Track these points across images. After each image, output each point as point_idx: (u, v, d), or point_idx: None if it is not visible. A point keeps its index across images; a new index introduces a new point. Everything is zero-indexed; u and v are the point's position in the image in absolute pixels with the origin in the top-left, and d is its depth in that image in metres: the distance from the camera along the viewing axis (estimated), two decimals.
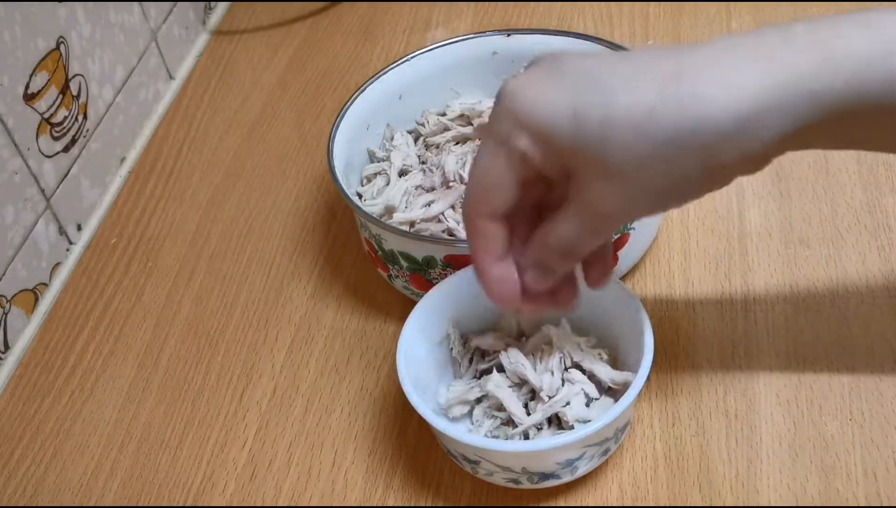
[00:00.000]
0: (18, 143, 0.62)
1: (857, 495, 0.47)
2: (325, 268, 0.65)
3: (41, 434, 0.58)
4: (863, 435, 0.50)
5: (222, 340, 0.61)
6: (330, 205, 0.69)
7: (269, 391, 0.58)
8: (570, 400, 0.49)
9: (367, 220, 0.55)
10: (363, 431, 0.55)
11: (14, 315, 0.63)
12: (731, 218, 0.62)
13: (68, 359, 0.62)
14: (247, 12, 0.90)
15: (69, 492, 0.55)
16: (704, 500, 0.48)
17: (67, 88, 0.68)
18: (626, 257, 0.57)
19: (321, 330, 0.61)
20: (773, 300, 0.57)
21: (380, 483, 0.52)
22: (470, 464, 0.48)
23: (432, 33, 0.82)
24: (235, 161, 0.75)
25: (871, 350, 0.53)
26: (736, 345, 0.55)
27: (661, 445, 0.51)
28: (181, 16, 0.84)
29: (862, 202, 0.61)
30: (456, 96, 0.67)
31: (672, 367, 0.54)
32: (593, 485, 0.50)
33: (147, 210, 0.72)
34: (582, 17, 0.81)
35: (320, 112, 0.78)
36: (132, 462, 0.56)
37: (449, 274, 0.53)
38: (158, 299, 0.65)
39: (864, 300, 0.56)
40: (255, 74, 0.83)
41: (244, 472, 0.54)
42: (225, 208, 0.71)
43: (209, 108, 0.80)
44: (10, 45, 0.61)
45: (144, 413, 0.58)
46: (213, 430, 0.56)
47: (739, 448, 0.50)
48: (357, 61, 0.82)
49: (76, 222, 0.70)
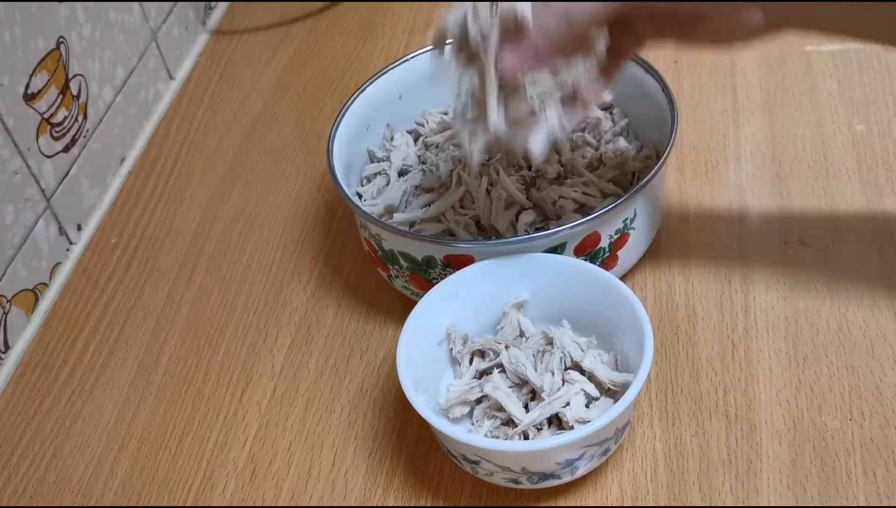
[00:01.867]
0: (18, 143, 0.62)
1: (857, 495, 0.47)
2: (325, 268, 0.65)
3: (41, 434, 0.58)
4: (863, 435, 0.50)
5: (222, 340, 0.61)
6: (330, 205, 0.69)
7: (268, 391, 0.58)
8: (569, 400, 0.49)
9: (367, 220, 0.55)
10: (363, 431, 0.55)
11: (14, 315, 0.63)
12: (731, 218, 0.62)
13: (68, 359, 0.62)
14: (247, 12, 0.90)
15: (69, 492, 0.55)
16: (704, 500, 0.48)
17: (67, 88, 0.68)
18: (626, 257, 0.57)
19: (321, 330, 0.61)
20: (773, 300, 0.57)
21: (380, 484, 0.52)
22: (470, 464, 0.48)
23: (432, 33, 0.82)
24: (235, 161, 0.75)
25: (871, 350, 0.53)
26: (736, 345, 0.55)
27: (661, 445, 0.51)
28: (181, 16, 0.84)
29: (862, 202, 0.61)
30: None
31: (672, 367, 0.54)
32: (593, 485, 0.50)
33: (147, 210, 0.72)
34: None
35: (320, 112, 0.78)
36: (132, 462, 0.56)
37: (449, 274, 0.53)
38: (158, 299, 0.65)
39: (864, 300, 0.56)
40: (255, 74, 0.83)
41: (244, 472, 0.54)
42: (225, 208, 0.71)
43: (209, 108, 0.80)
44: (10, 45, 0.61)
45: (144, 413, 0.58)
46: (213, 430, 0.56)
47: (739, 448, 0.50)
48: (357, 61, 0.82)
49: (76, 222, 0.70)
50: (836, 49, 0.72)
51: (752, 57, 0.73)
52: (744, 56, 0.73)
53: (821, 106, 0.68)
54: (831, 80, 0.70)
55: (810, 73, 0.71)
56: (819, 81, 0.70)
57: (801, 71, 0.72)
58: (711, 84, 0.72)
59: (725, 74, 0.72)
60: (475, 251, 0.53)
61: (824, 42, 0.73)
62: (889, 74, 0.70)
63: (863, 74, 0.70)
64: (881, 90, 0.69)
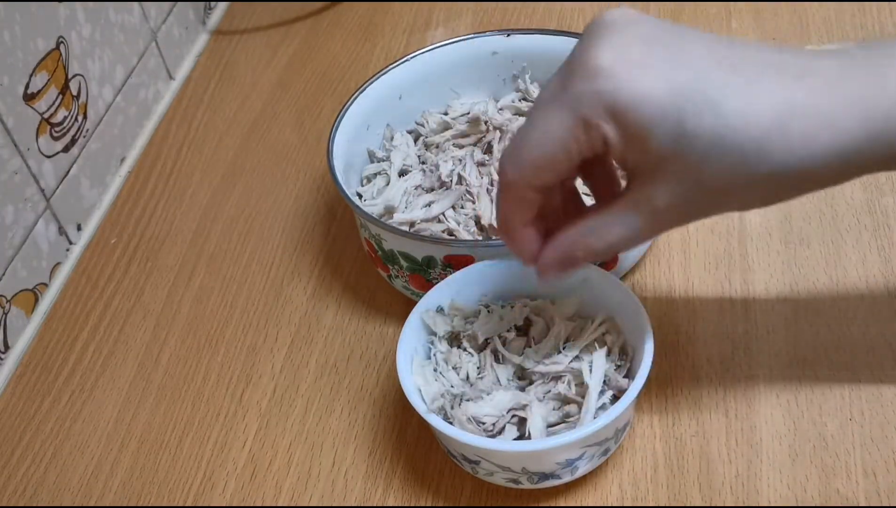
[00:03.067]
0: (18, 143, 0.62)
1: (857, 495, 0.47)
2: (324, 268, 0.65)
3: (41, 434, 0.58)
4: (863, 435, 0.50)
5: (222, 340, 0.61)
6: (330, 205, 0.69)
7: (268, 391, 0.58)
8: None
9: (367, 220, 0.55)
10: (363, 431, 0.55)
11: (14, 315, 0.63)
12: (731, 218, 0.62)
13: (68, 359, 0.62)
14: (247, 12, 0.90)
15: (69, 492, 0.55)
16: (704, 500, 0.48)
17: (67, 88, 0.68)
18: (626, 257, 0.57)
19: (321, 330, 0.61)
20: (773, 300, 0.57)
21: (380, 484, 0.52)
22: (470, 464, 0.48)
23: (432, 33, 0.82)
24: (235, 161, 0.75)
25: (871, 350, 0.53)
26: (736, 345, 0.55)
27: (661, 445, 0.51)
28: (181, 16, 0.84)
29: (862, 202, 0.61)
30: (456, 96, 0.67)
31: (672, 367, 0.54)
32: (593, 485, 0.50)
33: (147, 210, 0.72)
34: (582, 16, 0.81)
35: (320, 112, 0.78)
36: (132, 462, 0.56)
37: (449, 274, 0.53)
38: (158, 299, 0.65)
39: (864, 300, 0.56)
40: (255, 74, 0.83)
41: (244, 472, 0.54)
42: (225, 208, 0.71)
43: (209, 108, 0.80)
44: (10, 45, 0.61)
45: (144, 413, 0.58)
46: (213, 430, 0.56)
47: (739, 448, 0.50)
48: (357, 61, 0.82)
49: (76, 222, 0.70)
50: (836, 49, 0.72)
51: None
52: None
53: None
54: None
55: None
56: None
57: None
58: None
59: None
60: (475, 251, 0.53)
61: (824, 42, 0.73)
62: None
63: None
64: None
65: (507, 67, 0.66)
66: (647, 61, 0.37)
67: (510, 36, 0.65)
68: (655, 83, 0.37)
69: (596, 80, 0.37)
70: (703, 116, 0.36)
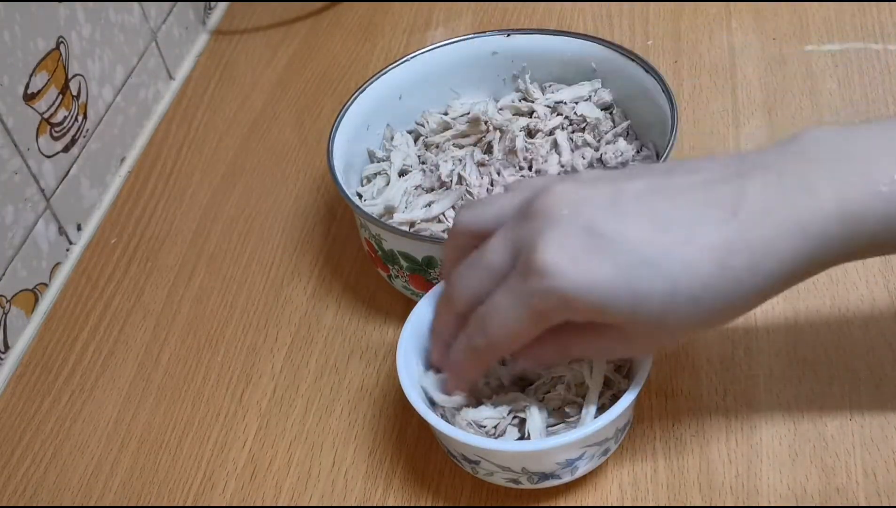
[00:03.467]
0: (18, 143, 0.62)
1: (857, 495, 0.47)
2: (324, 268, 0.65)
3: (41, 434, 0.58)
4: (863, 435, 0.50)
5: (222, 340, 0.61)
6: (330, 205, 0.69)
7: (268, 391, 0.58)
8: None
9: (367, 220, 0.55)
10: (363, 431, 0.55)
11: (14, 315, 0.63)
12: None
13: (68, 359, 0.62)
14: (247, 12, 0.90)
15: (69, 492, 0.55)
16: (704, 500, 0.48)
17: (67, 88, 0.68)
18: None
19: (321, 330, 0.61)
20: (773, 301, 0.56)
21: (380, 484, 0.52)
22: (470, 464, 0.48)
23: (432, 33, 0.82)
24: (235, 161, 0.75)
25: (871, 350, 0.53)
26: (736, 345, 0.55)
27: (661, 445, 0.51)
28: (181, 16, 0.84)
29: None
30: (456, 96, 0.67)
31: (672, 367, 0.54)
32: (593, 485, 0.50)
33: (147, 210, 0.72)
34: (582, 16, 0.81)
35: (320, 112, 0.78)
36: (132, 462, 0.56)
37: None
38: (158, 299, 0.65)
39: (864, 300, 0.56)
40: (255, 74, 0.83)
41: (244, 472, 0.54)
42: (225, 208, 0.71)
43: (209, 108, 0.80)
44: (10, 45, 0.61)
45: (144, 413, 0.58)
46: (213, 430, 0.56)
47: (739, 448, 0.50)
48: (357, 61, 0.82)
49: (76, 222, 0.70)
50: (836, 49, 0.72)
51: (752, 57, 0.73)
52: (744, 56, 0.73)
53: (821, 106, 0.68)
54: (831, 80, 0.70)
55: (810, 73, 0.71)
56: (819, 81, 0.70)
57: (801, 71, 0.72)
58: (711, 84, 0.72)
59: (725, 74, 0.72)
60: None
61: (824, 42, 0.73)
62: (889, 74, 0.70)
63: (863, 74, 0.70)
64: (881, 90, 0.69)
65: (507, 67, 0.66)
66: (590, 250, 0.40)
67: (510, 36, 0.65)
68: (601, 268, 0.39)
69: (544, 279, 0.40)
70: (653, 281, 0.39)
